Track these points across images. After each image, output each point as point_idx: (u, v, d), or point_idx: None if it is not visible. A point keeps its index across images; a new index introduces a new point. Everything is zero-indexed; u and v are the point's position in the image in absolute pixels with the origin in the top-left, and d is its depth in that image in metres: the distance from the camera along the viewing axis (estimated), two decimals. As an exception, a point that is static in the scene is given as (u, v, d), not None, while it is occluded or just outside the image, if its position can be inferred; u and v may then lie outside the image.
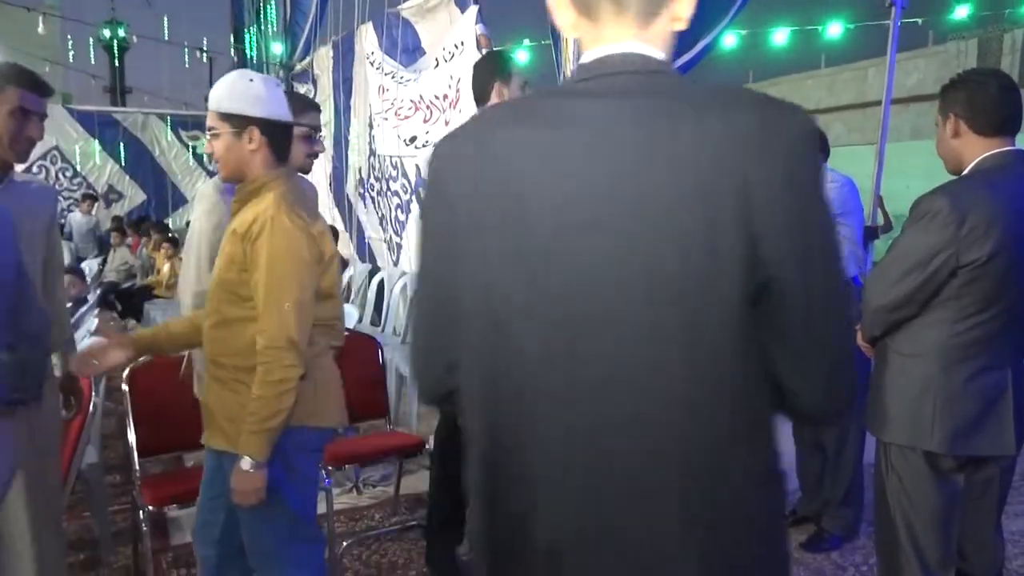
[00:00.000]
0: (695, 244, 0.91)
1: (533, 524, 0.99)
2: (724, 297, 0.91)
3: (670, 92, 0.97)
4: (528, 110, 1.05)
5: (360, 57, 6.48)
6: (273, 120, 1.98)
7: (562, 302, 0.95)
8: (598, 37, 1.01)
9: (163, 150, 13.82)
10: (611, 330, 0.94)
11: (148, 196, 13.61)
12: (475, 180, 1.00)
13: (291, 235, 1.89)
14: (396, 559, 3.14)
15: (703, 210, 0.90)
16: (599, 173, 0.94)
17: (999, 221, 1.92)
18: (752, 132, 0.91)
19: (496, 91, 2.87)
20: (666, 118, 0.93)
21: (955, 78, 2.12)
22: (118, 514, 3.44)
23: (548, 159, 0.96)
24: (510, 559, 1.04)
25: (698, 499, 0.94)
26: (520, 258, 0.97)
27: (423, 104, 5.46)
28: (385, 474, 3.93)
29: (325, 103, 7.51)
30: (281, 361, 1.86)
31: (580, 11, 1.01)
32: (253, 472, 1.87)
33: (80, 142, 12.97)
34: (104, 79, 25.20)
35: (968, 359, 1.99)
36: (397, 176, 6.13)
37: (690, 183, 0.91)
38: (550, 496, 0.98)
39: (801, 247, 0.92)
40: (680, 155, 0.91)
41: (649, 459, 0.95)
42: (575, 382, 0.96)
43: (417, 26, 5.59)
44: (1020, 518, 3.44)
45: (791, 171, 0.92)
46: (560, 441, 0.97)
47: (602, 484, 0.96)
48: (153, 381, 2.96)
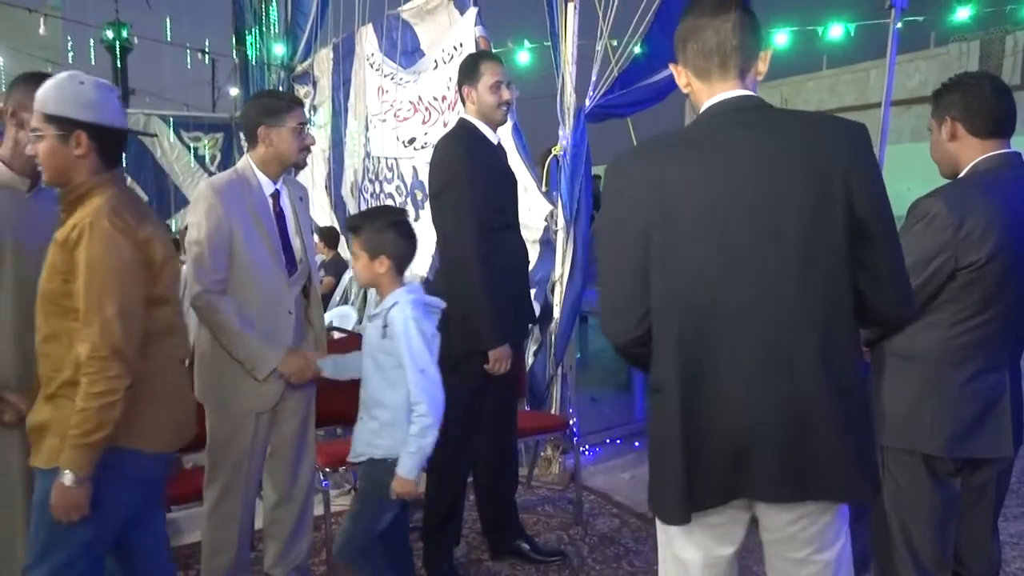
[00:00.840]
0: (818, 211, 1.48)
1: (725, 409, 1.50)
2: (836, 242, 1.49)
3: (777, 116, 1.58)
4: (685, 139, 1.60)
5: (360, 59, 6.48)
6: (104, 126, 1.89)
7: (739, 252, 1.49)
8: (711, 91, 1.58)
9: (165, 151, 13.79)
10: (769, 266, 1.49)
11: (150, 198, 13.58)
12: (659, 190, 1.50)
13: (111, 240, 1.80)
14: (394, 561, 3.13)
15: (820, 188, 1.48)
16: (749, 173, 1.49)
17: (996, 223, 1.91)
18: (842, 136, 1.53)
19: (466, 93, 2.88)
20: (785, 132, 1.53)
21: (948, 82, 2.13)
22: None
23: (712, 168, 1.50)
24: (707, 445, 1.51)
25: (830, 368, 1.49)
26: (705, 235, 1.49)
27: (422, 105, 5.47)
28: (384, 476, 3.92)
29: (324, 105, 7.51)
30: (105, 372, 1.76)
31: (697, 76, 1.60)
32: (75, 487, 1.78)
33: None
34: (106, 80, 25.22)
35: (965, 361, 1.99)
36: (392, 178, 6.12)
37: (811, 171, 1.48)
38: (736, 387, 1.50)
39: (879, 207, 1.52)
40: (801, 155, 1.50)
41: (803, 350, 1.48)
42: (749, 305, 1.49)
43: (416, 28, 5.60)
44: (1019, 520, 3.43)
45: (869, 160, 1.54)
46: (740, 347, 1.49)
47: (772, 372, 1.49)
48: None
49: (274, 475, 2.66)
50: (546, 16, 4.03)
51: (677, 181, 1.52)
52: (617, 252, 1.58)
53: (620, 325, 1.60)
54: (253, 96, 2.79)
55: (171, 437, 2.03)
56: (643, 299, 1.55)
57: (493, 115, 2.91)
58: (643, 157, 1.62)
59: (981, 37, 14.55)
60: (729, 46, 1.55)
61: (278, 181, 2.60)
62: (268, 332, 2.49)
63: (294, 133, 2.53)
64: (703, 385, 1.51)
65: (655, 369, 1.58)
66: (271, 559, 2.71)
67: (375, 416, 2.32)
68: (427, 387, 2.22)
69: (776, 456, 1.51)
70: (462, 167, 2.77)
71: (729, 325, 1.51)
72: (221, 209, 2.41)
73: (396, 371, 2.25)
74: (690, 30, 1.60)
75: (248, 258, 2.45)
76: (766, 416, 1.50)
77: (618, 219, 1.58)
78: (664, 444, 1.56)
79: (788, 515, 1.58)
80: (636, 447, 4.50)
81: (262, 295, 2.48)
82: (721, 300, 1.51)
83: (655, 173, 1.53)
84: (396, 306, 2.25)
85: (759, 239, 1.49)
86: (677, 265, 1.51)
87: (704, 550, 1.64)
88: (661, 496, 1.60)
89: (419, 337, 2.23)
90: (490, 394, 2.93)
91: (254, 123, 2.53)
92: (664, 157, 1.56)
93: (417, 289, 2.34)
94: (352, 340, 3.58)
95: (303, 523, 2.72)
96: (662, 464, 1.58)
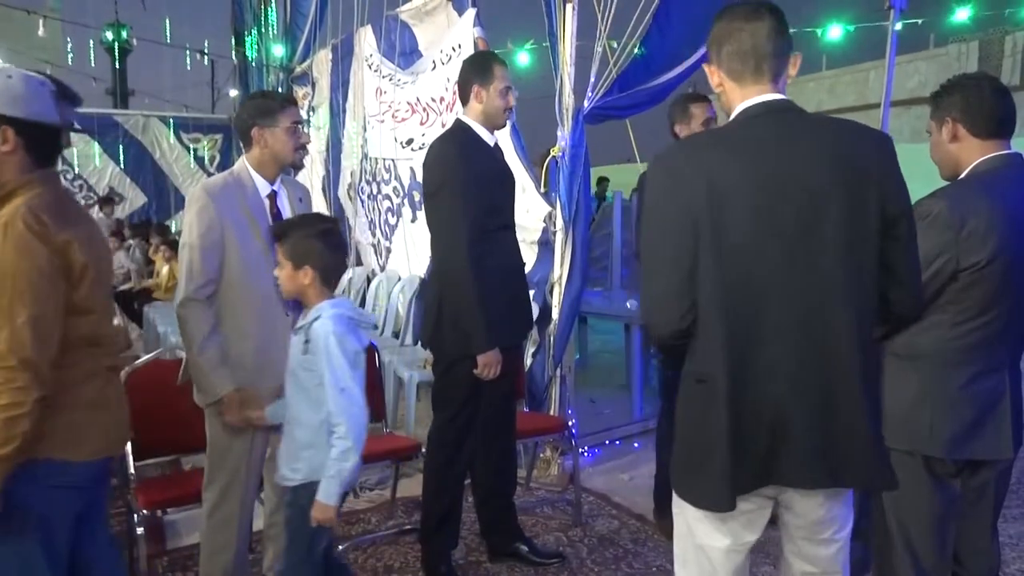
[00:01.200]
0: (854, 212, 1.56)
1: (765, 399, 1.57)
2: (869, 243, 1.58)
3: (811, 120, 1.65)
4: (728, 138, 1.65)
5: (358, 59, 6.48)
6: (32, 121, 1.81)
7: (783, 250, 1.55)
8: (744, 94, 1.65)
9: (164, 152, 13.81)
10: (811, 263, 1.55)
11: (149, 199, 13.61)
12: (707, 186, 1.55)
13: (25, 244, 1.69)
14: (392, 563, 3.13)
15: (856, 190, 1.56)
16: (790, 173, 1.56)
17: (998, 224, 1.91)
18: (873, 143, 1.63)
19: (475, 93, 2.85)
20: (821, 136, 1.60)
21: (947, 83, 2.12)
22: (113, 518, 3.42)
23: (756, 167, 1.56)
24: (748, 433, 1.57)
25: (860, 363, 1.58)
26: (752, 232, 1.56)
27: (420, 106, 5.47)
28: (382, 477, 3.92)
29: (323, 106, 7.51)
30: (11, 383, 1.67)
31: (731, 78, 1.67)
32: None
33: (80, 144, 12.96)
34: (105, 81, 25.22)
35: (966, 363, 1.98)
36: (389, 179, 6.11)
37: (847, 174, 1.56)
38: (776, 377, 1.57)
39: (907, 210, 1.63)
40: (838, 158, 1.57)
41: (839, 346, 1.56)
42: (793, 300, 1.56)
43: (415, 29, 5.59)
44: (1018, 521, 3.42)
45: (897, 166, 1.63)
46: (783, 340, 1.56)
47: (810, 365, 1.57)
48: (148, 383, 2.95)
49: (274, 478, 2.65)
50: (544, 17, 4.02)
51: (724, 178, 1.56)
52: (665, 246, 1.62)
53: (666, 317, 1.63)
54: (248, 97, 2.77)
55: (100, 445, 1.93)
56: (690, 292, 1.59)
57: (498, 118, 2.90)
58: (689, 153, 1.65)
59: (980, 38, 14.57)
60: (763, 50, 1.62)
61: (275, 182, 2.59)
62: (264, 334, 2.48)
63: (288, 133, 2.52)
64: (747, 375, 1.58)
65: (698, 360, 1.63)
66: (269, 561, 2.70)
67: (293, 436, 2.20)
68: (348, 407, 2.09)
69: (810, 443, 1.58)
70: (455, 168, 2.75)
71: (774, 319, 1.57)
72: (213, 211, 2.41)
73: (318, 389, 2.12)
74: (725, 33, 1.66)
75: (242, 260, 2.44)
76: (802, 406, 1.58)
77: (666, 214, 1.62)
78: (706, 433, 1.61)
79: (816, 499, 1.67)
80: (635, 448, 4.50)
81: (257, 297, 2.47)
82: (767, 295, 1.57)
83: (703, 170, 1.57)
84: (319, 320, 2.13)
85: (802, 237, 1.56)
86: (726, 260, 1.56)
87: (733, 536, 1.70)
88: (701, 484, 1.64)
89: (341, 354, 2.10)
90: (488, 395, 2.92)
91: (248, 125, 2.52)
92: (710, 154, 1.61)
93: (343, 303, 2.20)
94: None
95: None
96: (703, 453, 1.62)
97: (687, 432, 1.68)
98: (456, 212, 2.73)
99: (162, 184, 13.67)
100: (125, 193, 13.31)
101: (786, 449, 1.59)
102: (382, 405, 3.53)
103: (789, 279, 1.57)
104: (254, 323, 2.46)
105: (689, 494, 1.69)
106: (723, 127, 1.71)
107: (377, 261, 6.54)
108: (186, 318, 2.40)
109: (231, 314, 2.45)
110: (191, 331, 2.40)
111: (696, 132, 3.26)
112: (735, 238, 1.56)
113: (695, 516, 1.71)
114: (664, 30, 3.92)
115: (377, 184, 6.35)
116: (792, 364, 1.58)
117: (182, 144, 13.85)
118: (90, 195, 12.97)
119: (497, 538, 3.14)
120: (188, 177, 13.85)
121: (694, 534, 1.74)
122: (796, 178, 1.56)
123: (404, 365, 4.52)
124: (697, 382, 1.63)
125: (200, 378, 2.42)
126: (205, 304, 2.41)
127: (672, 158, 1.67)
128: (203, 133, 14.01)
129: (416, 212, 5.75)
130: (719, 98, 1.76)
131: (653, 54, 3.93)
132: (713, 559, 1.72)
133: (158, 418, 2.89)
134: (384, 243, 6.37)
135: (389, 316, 5.62)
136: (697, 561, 1.75)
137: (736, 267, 1.57)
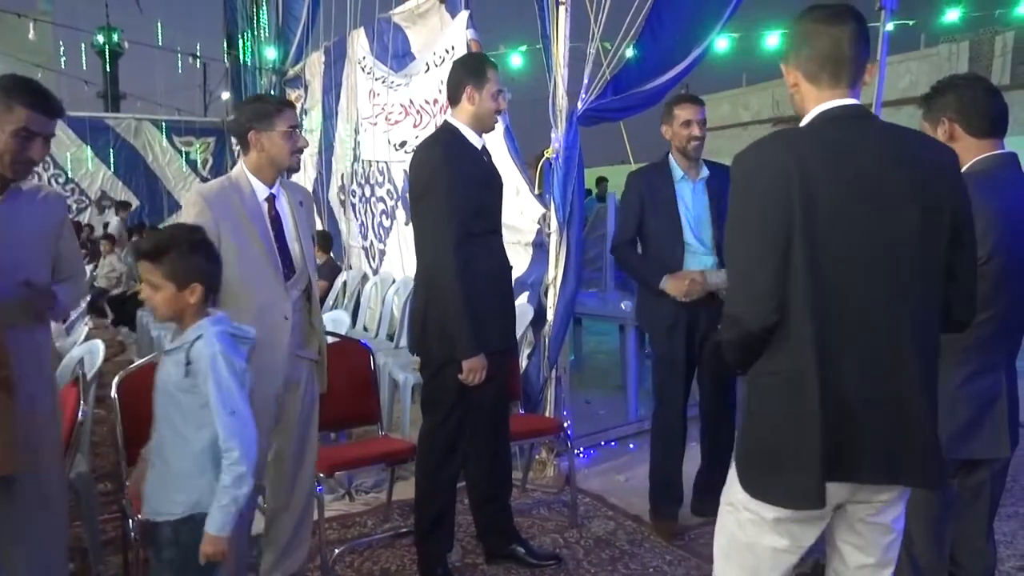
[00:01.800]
0: (930, 219, 1.59)
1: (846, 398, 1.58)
2: (940, 250, 1.62)
3: (887, 127, 1.68)
4: (815, 138, 1.64)
5: (351, 62, 6.47)
6: None
7: (868, 249, 1.58)
8: (819, 96, 1.66)
9: (156, 156, 13.78)
10: (891, 266, 1.59)
11: (142, 202, 13.57)
12: (800, 183, 1.55)
13: None
14: (388, 566, 3.12)
15: (932, 200, 1.60)
16: (875, 177, 1.58)
17: (995, 224, 1.92)
18: (942, 154, 1.69)
19: (467, 94, 2.82)
20: (898, 143, 1.63)
21: (939, 84, 2.14)
22: (108, 523, 3.41)
23: (843, 169, 1.58)
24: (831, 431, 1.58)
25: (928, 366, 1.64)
26: (842, 231, 1.57)
27: (413, 109, 5.46)
28: (377, 480, 3.91)
29: (315, 108, 7.50)
30: None
31: (808, 80, 1.67)
32: None
33: (72, 148, 12.92)
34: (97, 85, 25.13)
35: (964, 362, 1.99)
36: (383, 182, 6.11)
37: (923, 182, 1.60)
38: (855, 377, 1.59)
39: (971, 214, 1.67)
40: (915, 165, 1.61)
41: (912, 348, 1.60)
42: (876, 300, 1.59)
43: (408, 31, 5.59)
44: (1012, 519, 3.44)
45: (960, 174, 1.69)
46: (864, 339, 1.59)
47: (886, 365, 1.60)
48: (142, 389, 2.93)
49: (274, 483, 2.64)
50: (537, 19, 4.02)
51: (815, 177, 1.57)
52: (760, 242, 1.61)
53: (759, 312, 1.61)
54: (243, 101, 2.75)
55: None
56: (780, 287, 1.59)
57: (489, 121, 2.88)
58: (780, 151, 1.64)
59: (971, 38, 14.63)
60: (844, 55, 1.63)
61: (274, 185, 2.59)
62: (263, 338, 2.46)
63: (285, 136, 2.51)
64: (835, 372, 1.59)
65: (784, 358, 1.63)
66: (267, 566, 2.69)
67: (169, 465, 1.99)
68: (240, 431, 1.93)
69: (882, 443, 1.61)
70: (441, 171, 2.72)
71: (856, 318, 1.59)
72: (209, 215, 2.40)
73: (201, 412, 1.95)
74: (805, 35, 1.68)
75: (240, 264, 2.43)
76: (879, 405, 1.60)
77: (761, 210, 1.61)
78: (793, 431, 1.61)
79: (886, 494, 1.69)
80: (631, 449, 4.49)
81: (256, 301, 2.46)
82: (851, 295, 1.59)
83: (795, 167, 1.57)
84: (201, 340, 1.96)
85: (883, 241, 1.58)
86: (817, 257, 1.57)
87: (791, 537, 1.69)
88: (786, 482, 1.62)
89: (230, 375, 1.94)
90: (477, 399, 2.91)
91: (244, 129, 2.51)
92: (801, 152, 1.60)
93: (222, 320, 2.03)
94: (346, 344, 3.56)
95: (300, 532, 2.71)
96: (789, 451, 1.61)
97: (767, 431, 1.67)
98: (441, 216, 2.71)
99: (154, 187, 13.63)
100: (117, 197, 13.27)
101: (862, 449, 1.60)
102: (378, 408, 3.52)
103: (871, 280, 1.59)
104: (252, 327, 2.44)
105: (769, 493, 1.66)
106: (804, 128, 1.69)
107: (370, 264, 6.53)
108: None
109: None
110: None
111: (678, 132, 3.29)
112: (824, 237, 1.57)
113: (754, 516, 1.69)
114: (656, 33, 3.92)
115: (371, 187, 6.34)
116: (871, 363, 1.59)
117: (174, 147, 13.81)
118: (82, 199, 12.94)
119: (494, 540, 3.13)
120: (180, 180, 13.82)
121: (748, 533, 1.72)
122: (878, 182, 1.58)
123: (399, 368, 4.51)
124: (783, 380, 1.63)
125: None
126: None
127: (763, 155, 1.65)
128: (195, 136, 13.98)
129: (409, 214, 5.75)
130: (791, 98, 1.76)
131: (646, 57, 3.94)
132: (763, 558, 1.71)
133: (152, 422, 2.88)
134: (378, 245, 6.36)
135: (384, 318, 5.61)
136: (743, 561, 1.75)
137: (824, 266, 1.57)
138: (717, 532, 1.83)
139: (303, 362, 2.67)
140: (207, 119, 15.20)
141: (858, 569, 1.76)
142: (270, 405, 2.53)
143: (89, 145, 13.03)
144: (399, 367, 4.52)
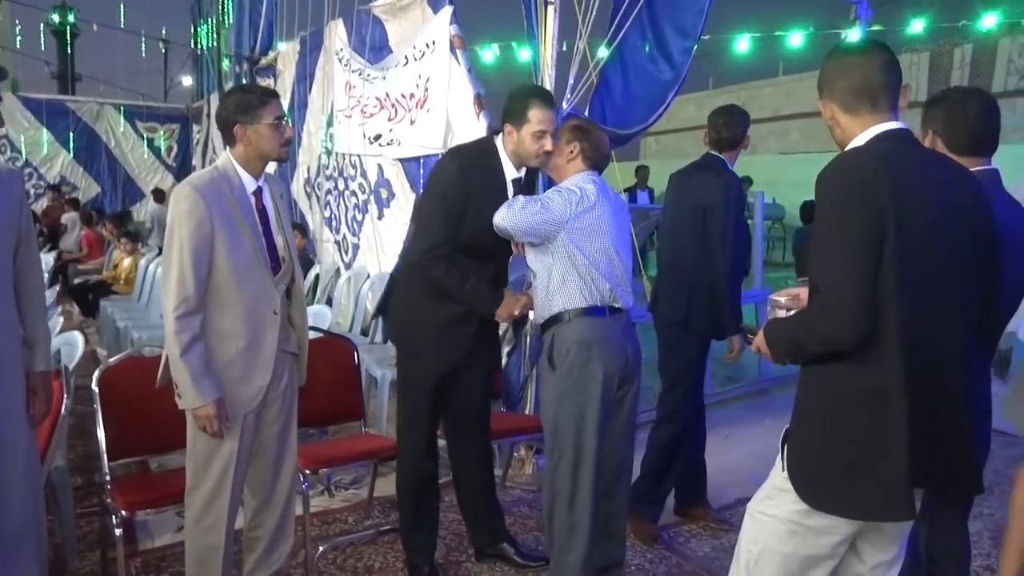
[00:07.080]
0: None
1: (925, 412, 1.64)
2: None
3: (924, 148, 1.84)
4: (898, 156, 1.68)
5: (328, 53, 6.39)
6: None
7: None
8: (862, 124, 1.74)
9: (118, 141, 13.43)
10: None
11: (103, 189, 13.24)
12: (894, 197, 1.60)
13: None
14: (372, 563, 3.12)
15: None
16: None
17: None
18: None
19: (507, 130, 2.72)
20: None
21: (937, 94, 2.20)
22: (82, 518, 3.34)
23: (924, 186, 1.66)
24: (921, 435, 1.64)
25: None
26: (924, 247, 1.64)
27: (388, 102, 5.41)
28: (356, 477, 3.90)
29: (283, 98, 7.40)
30: None
31: (845, 111, 1.76)
32: None
33: (30, 131, 12.55)
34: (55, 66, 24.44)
35: None
36: (356, 175, 6.05)
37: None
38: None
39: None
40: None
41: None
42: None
43: (387, 24, 5.54)
44: (977, 520, 3.54)
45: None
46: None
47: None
48: (124, 382, 2.89)
49: (254, 480, 2.61)
50: (523, 17, 4.03)
51: (907, 192, 1.63)
52: (857, 254, 1.62)
53: (857, 324, 1.62)
54: (227, 92, 2.68)
55: None
56: (873, 287, 1.61)
57: (528, 160, 2.75)
58: (875, 164, 1.65)
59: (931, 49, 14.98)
60: (878, 84, 1.72)
61: (260, 178, 2.55)
62: (252, 334, 2.44)
63: (272, 129, 2.47)
64: (918, 386, 1.64)
65: (869, 371, 1.65)
66: (251, 564, 2.66)
67: None
68: None
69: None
70: (446, 186, 2.72)
71: (931, 334, 1.66)
72: (203, 207, 2.35)
73: None
74: (838, 70, 1.77)
75: (231, 258, 2.39)
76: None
77: (861, 222, 1.61)
78: (879, 443, 1.65)
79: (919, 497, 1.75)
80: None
81: (247, 296, 2.42)
82: (928, 312, 1.66)
83: (890, 181, 1.62)
84: None
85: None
86: (907, 273, 1.62)
87: (834, 546, 1.78)
88: (868, 493, 1.67)
89: None
90: (457, 398, 2.95)
91: (229, 121, 2.45)
92: (893, 167, 1.65)
93: None
94: (329, 340, 3.54)
95: (283, 528, 2.68)
96: (872, 462, 1.66)
97: (844, 444, 1.69)
98: (423, 228, 2.78)
99: (116, 173, 13.30)
100: (78, 182, 12.93)
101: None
102: (361, 405, 3.51)
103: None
104: (242, 323, 2.41)
105: (846, 505, 1.70)
106: (880, 147, 1.71)
107: (342, 258, 6.47)
108: (179, 330, 2.32)
109: (219, 314, 2.39)
110: (182, 337, 2.32)
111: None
112: (911, 256, 1.63)
113: (798, 526, 1.76)
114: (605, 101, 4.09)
115: (344, 180, 6.28)
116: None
117: (136, 132, 13.48)
118: (39, 184, 12.58)
119: (482, 538, 3.15)
120: (144, 169, 13.52)
121: (789, 543, 1.79)
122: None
123: (375, 363, 4.49)
124: (868, 392, 1.65)
125: (184, 383, 2.35)
126: (196, 310, 2.36)
127: (861, 169, 1.66)
128: (159, 122, 13.66)
129: (383, 209, 5.70)
130: (831, 131, 1.81)
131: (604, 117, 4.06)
132: (792, 569, 1.80)
133: (133, 417, 2.83)
134: (351, 239, 6.30)
135: (358, 314, 5.56)
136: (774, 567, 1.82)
137: (910, 280, 1.63)
138: (744, 539, 1.88)
139: (285, 356, 2.64)
140: (171, 105, 14.86)
141: (875, 567, 1.85)
142: (257, 400, 2.50)
143: (47, 128, 12.67)
144: (375, 363, 4.50)
